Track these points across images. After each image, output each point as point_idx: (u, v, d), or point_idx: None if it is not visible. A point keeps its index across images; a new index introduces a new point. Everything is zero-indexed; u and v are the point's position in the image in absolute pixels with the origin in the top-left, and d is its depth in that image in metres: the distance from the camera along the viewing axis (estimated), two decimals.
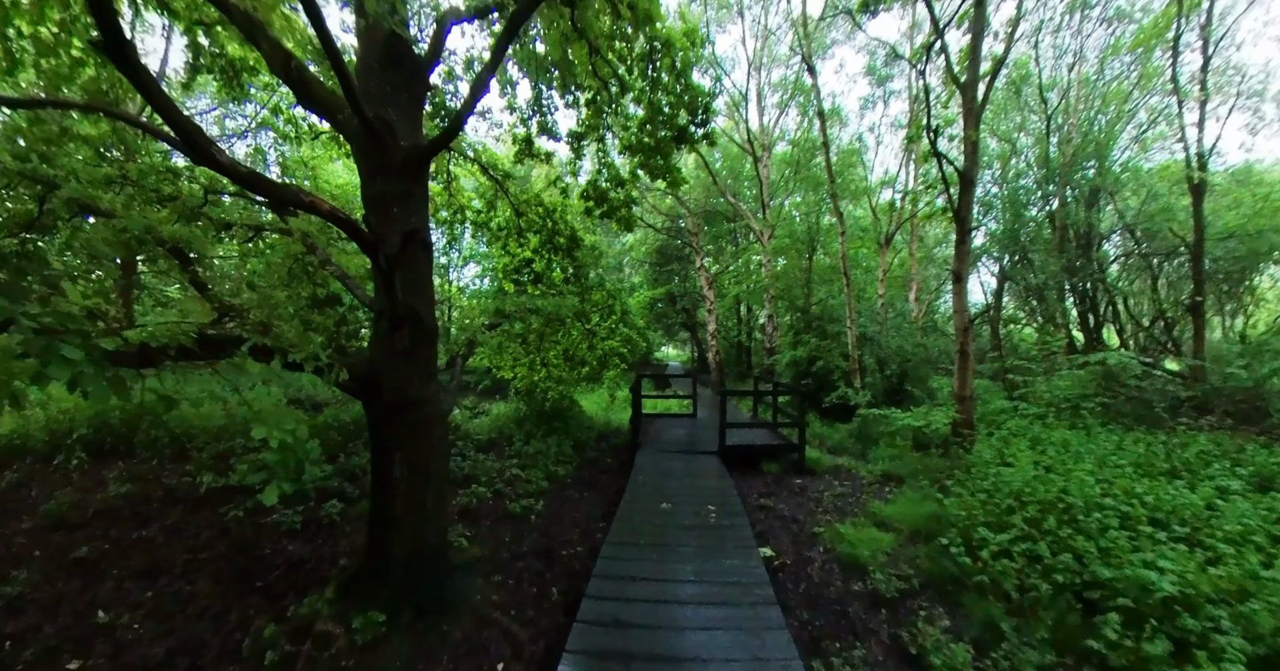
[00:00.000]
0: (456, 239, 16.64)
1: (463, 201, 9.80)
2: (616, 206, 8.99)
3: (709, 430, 9.44)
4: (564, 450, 8.08)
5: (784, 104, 18.03)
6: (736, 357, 23.98)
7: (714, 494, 5.60)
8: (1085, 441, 7.66)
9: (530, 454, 7.59)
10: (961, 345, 10.01)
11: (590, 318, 10.67)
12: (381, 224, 3.76)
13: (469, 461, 7.07)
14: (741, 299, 21.88)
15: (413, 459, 3.74)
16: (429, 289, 3.98)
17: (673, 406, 13.48)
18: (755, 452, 7.78)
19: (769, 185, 16.76)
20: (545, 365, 10.63)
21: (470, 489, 6.08)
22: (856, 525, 5.46)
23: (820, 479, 7.39)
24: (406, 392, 3.74)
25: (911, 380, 12.77)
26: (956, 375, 9.98)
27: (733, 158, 21.17)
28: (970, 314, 10.57)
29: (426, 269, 3.98)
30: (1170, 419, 9.66)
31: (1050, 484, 5.48)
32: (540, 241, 10.32)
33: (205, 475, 6.27)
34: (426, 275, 3.95)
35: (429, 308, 3.94)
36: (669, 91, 7.02)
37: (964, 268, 10.12)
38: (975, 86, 9.43)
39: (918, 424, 8.74)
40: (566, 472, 7.06)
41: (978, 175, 10.05)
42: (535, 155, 8.98)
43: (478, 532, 5.07)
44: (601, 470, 7.64)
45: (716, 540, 4.48)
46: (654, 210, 21.59)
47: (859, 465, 8.21)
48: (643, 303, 22.92)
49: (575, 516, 5.53)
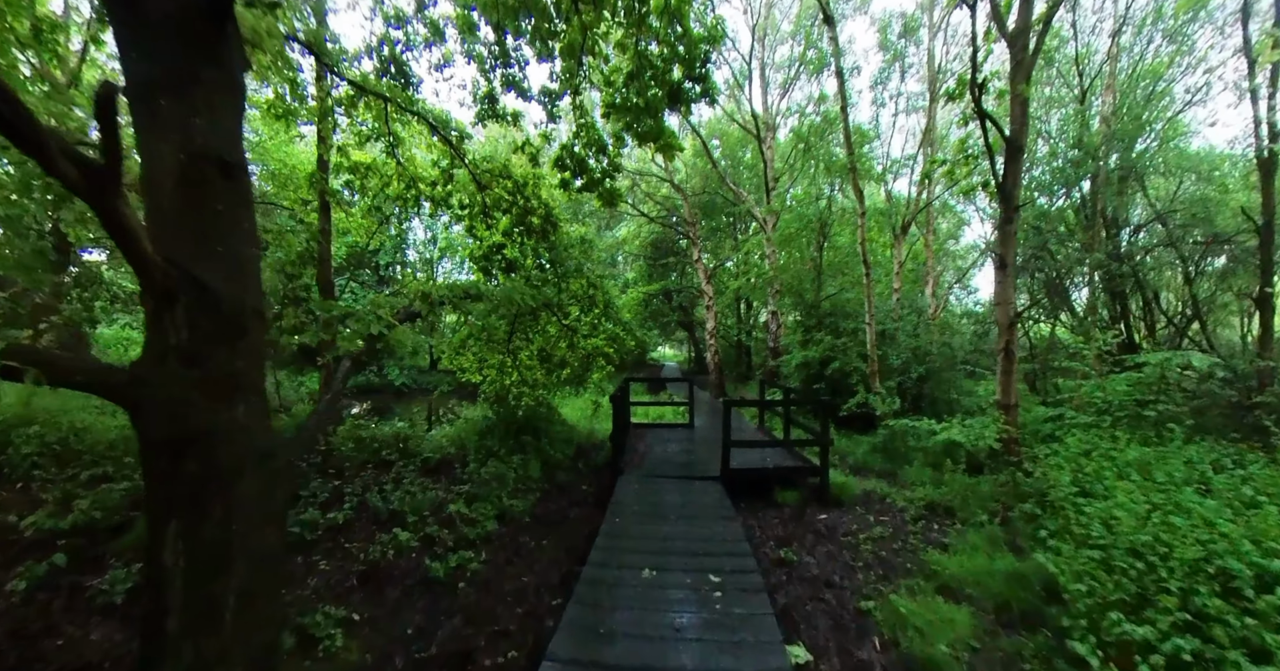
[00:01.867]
0: (419, 218, 15.02)
1: (414, 172, 8.21)
2: (598, 179, 7.46)
3: (709, 446, 7.86)
4: (529, 473, 6.49)
5: (790, 81, 16.46)
6: (736, 358, 22.39)
7: (716, 546, 4.01)
8: (1171, 460, 6.06)
9: (485, 479, 6.00)
10: (1006, 344, 8.50)
11: (568, 311, 9.09)
12: (151, 132, 2.19)
13: (400, 492, 5.48)
14: (742, 295, 20.29)
15: (198, 533, 2.16)
16: (241, 247, 2.39)
17: (666, 414, 11.89)
18: (767, 478, 6.20)
19: (773, 168, 15.18)
20: (517, 367, 9.06)
21: (389, 536, 4.50)
22: (916, 592, 3.90)
23: (849, 512, 5.82)
24: (187, 421, 2.16)
25: (934, 384, 11.23)
26: (1000, 379, 8.45)
27: (732, 143, 19.59)
28: (1015, 307, 9.03)
29: (237, 210, 2.38)
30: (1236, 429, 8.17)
31: (1175, 532, 3.93)
32: (511, 222, 8.76)
33: (42, 513, 4.68)
34: (235, 222, 2.36)
35: (240, 278, 2.36)
36: (661, 39, 5.54)
37: (1009, 251, 8.58)
38: (1026, 35, 7.86)
39: (963, 439, 7.17)
40: (526, 507, 5.46)
41: (1026, 141, 8.52)
42: (500, 116, 7.42)
43: (373, 613, 3.48)
44: (573, 501, 6.05)
45: (723, 635, 2.91)
46: (649, 199, 20.01)
47: (893, 491, 6.65)
48: (637, 299, 21.33)
49: (523, 582, 3.93)
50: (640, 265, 22.85)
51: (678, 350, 47.30)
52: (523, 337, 9.03)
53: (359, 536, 4.64)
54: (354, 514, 5.11)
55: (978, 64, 7.54)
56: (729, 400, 6.00)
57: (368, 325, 3.33)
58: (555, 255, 8.01)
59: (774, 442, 6.91)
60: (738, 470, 6.05)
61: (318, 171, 7.91)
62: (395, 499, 5.32)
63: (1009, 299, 8.59)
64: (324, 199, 8.07)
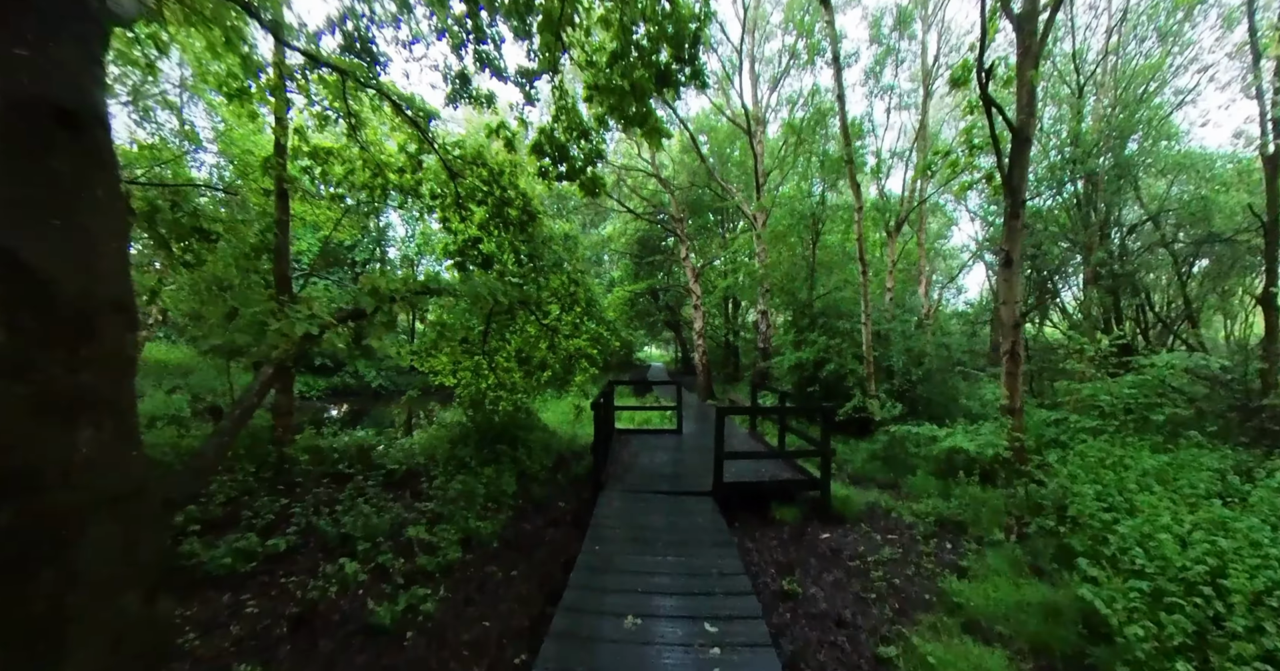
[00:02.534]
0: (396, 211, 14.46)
1: (380, 157, 7.57)
2: (580, 167, 6.93)
3: (698, 454, 7.33)
4: (502, 488, 5.90)
5: (780, 75, 16.01)
6: (724, 359, 21.91)
7: (713, 582, 3.46)
8: (1191, 469, 5.65)
9: (452, 497, 5.40)
10: (1012, 345, 8.09)
11: (548, 309, 8.50)
12: None
13: (355, 513, 4.86)
14: (730, 294, 19.81)
15: (18, 611, 1.56)
16: (92, 221, 1.79)
17: (653, 419, 11.34)
18: (764, 492, 5.68)
19: (763, 163, 14.72)
20: (494, 369, 8.45)
21: (333, 568, 3.88)
22: (940, 631, 3.39)
23: (854, 529, 5.32)
24: (3, 456, 1.56)
25: (931, 387, 10.82)
26: (1005, 382, 8.05)
27: (720, 140, 19.10)
28: (1020, 307, 8.63)
29: (86, 173, 1.78)
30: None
31: (1223, 555, 3.50)
32: (487, 214, 8.15)
33: None
34: (82, 189, 1.76)
35: (89, 261, 1.76)
36: (648, 17, 5.09)
37: (1016, 247, 8.17)
38: (1034, 19, 7.45)
39: (970, 446, 6.72)
40: (494, 530, 4.86)
41: (1034, 132, 8.11)
42: (474, 98, 6.84)
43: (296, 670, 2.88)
44: (550, 519, 5.46)
45: None
46: (634, 195, 19.45)
47: (898, 504, 6.17)
48: (623, 298, 20.74)
49: (484, 629, 3.33)
50: (626, 263, 22.27)
51: (664, 350, 46.78)
52: (499, 338, 8.43)
53: (301, 567, 4.03)
54: (300, 539, 4.48)
55: (985, 45, 7.10)
56: (723, 407, 5.47)
57: (294, 325, 2.75)
58: (534, 248, 7.42)
59: (771, 453, 6.40)
60: (732, 484, 5.52)
61: (274, 156, 7.23)
62: (348, 521, 4.70)
63: (1015, 297, 8.18)
64: (281, 185, 7.39)
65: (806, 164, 13.68)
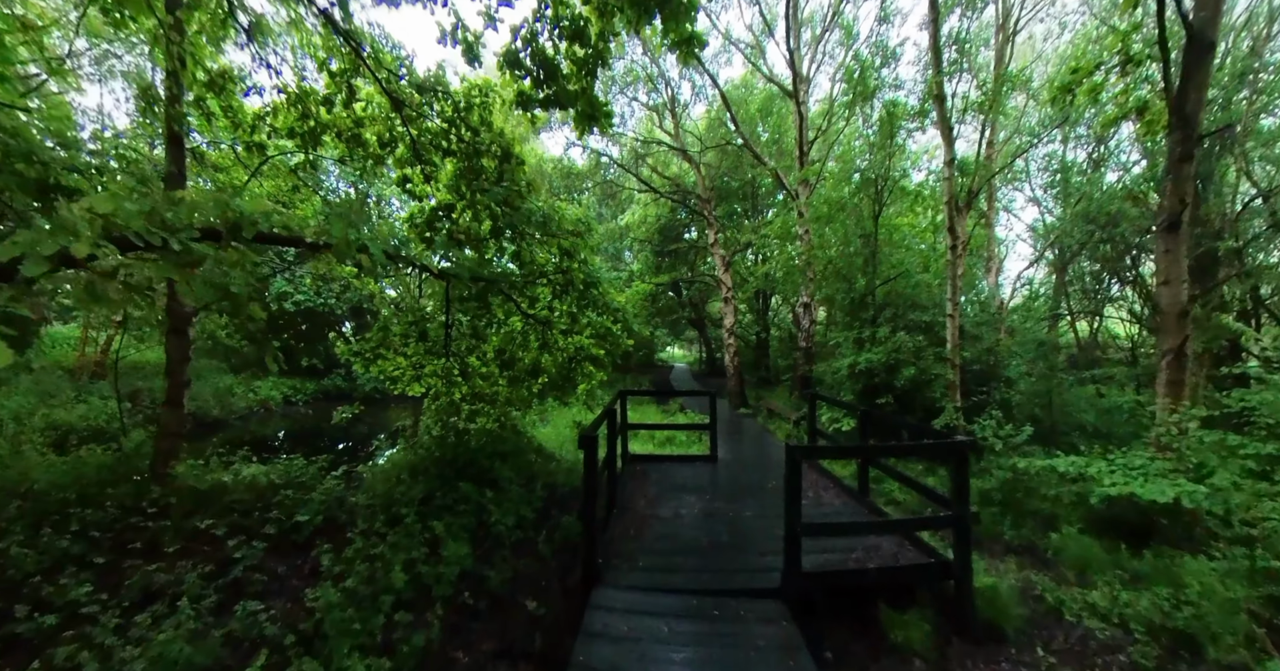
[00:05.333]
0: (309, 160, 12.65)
1: (299, 88, 5.52)
2: (573, 91, 4.88)
3: (747, 498, 5.09)
4: (439, 570, 3.74)
5: (829, 19, 13.59)
6: (755, 360, 19.49)
7: None
8: None
9: (354, 585, 3.30)
10: (1180, 344, 5.85)
11: (537, 297, 6.35)
12: None
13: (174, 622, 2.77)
14: (769, 285, 17.37)
15: None
16: None
17: (677, 438, 9.06)
18: (866, 587, 3.44)
19: (808, 127, 12.35)
20: (465, 375, 6.35)
21: None
22: None
23: (1025, 656, 3.05)
24: None
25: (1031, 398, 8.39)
26: (1164, 392, 5.80)
27: (751, 114, 16.70)
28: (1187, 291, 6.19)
29: None
30: None
31: None
32: (457, 169, 6.05)
33: None
34: None
35: None
36: None
37: (1184, 201, 5.85)
38: None
39: (1146, 493, 4.33)
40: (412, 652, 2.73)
41: (1219, 35, 5.65)
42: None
43: None
44: (503, 645, 3.27)
45: None
46: (656, 174, 17.24)
47: (1068, 596, 3.84)
48: (643, 294, 18.49)
49: None
50: (646, 255, 20.02)
51: (687, 350, 44.22)
52: (469, 335, 6.32)
53: None
54: None
55: None
56: (797, 447, 3.22)
57: None
58: (505, 193, 5.31)
59: (877, 524, 4.11)
60: (813, 575, 3.28)
61: (169, 82, 5.19)
62: (155, 642, 2.63)
63: (1180, 273, 5.81)
64: (171, 128, 5.38)
65: (866, 113, 11.26)
